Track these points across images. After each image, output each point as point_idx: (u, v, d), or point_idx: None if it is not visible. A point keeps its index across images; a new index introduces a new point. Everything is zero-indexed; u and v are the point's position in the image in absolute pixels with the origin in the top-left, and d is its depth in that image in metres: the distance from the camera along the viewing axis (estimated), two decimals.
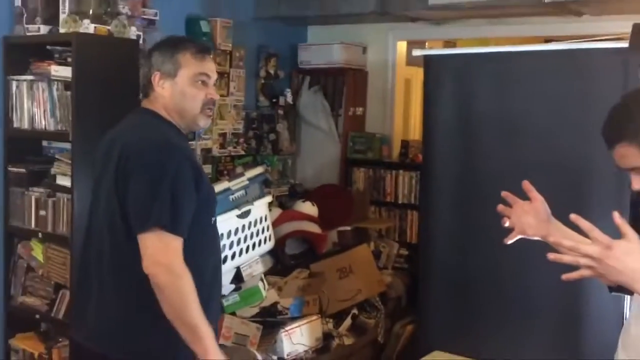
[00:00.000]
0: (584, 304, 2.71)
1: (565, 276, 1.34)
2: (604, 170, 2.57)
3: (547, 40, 4.02)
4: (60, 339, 3.00)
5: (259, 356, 2.72)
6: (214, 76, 1.97)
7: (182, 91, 1.90)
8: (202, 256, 1.88)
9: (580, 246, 1.29)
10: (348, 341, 3.24)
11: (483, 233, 2.94)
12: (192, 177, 1.81)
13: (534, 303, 2.80)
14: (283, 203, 4.09)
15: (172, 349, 1.79)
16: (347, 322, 3.29)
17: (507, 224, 1.71)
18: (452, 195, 3.03)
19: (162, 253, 1.72)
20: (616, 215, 1.28)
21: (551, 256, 1.31)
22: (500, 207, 1.73)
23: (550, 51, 2.90)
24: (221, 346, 2.73)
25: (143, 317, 1.81)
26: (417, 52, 3.15)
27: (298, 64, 4.52)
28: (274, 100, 4.37)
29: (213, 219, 1.97)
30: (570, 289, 2.65)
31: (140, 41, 3.24)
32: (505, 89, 2.91)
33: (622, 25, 2.91)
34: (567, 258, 1.31)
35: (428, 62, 3.12)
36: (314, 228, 3.66)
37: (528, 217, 1.67)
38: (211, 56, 2.03)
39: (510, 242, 1.72)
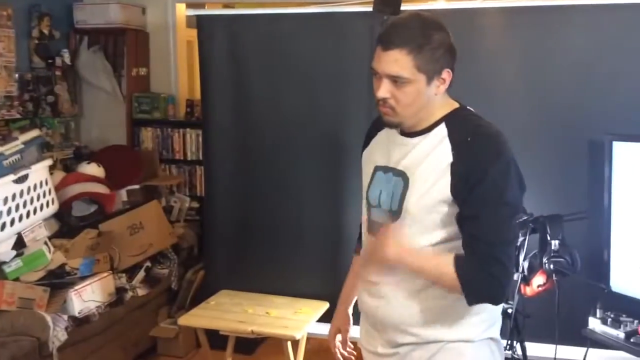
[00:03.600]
0: (347, 240, 2.92)
1: None
2: (354, 113, 2.78)
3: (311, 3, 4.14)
4: None
5: (47, 316, 2.54)
6: None
7: None
8: None
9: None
10: (142, 292, 3.17)
11: (260, 181, 3.02)
12: None
13: (306, 241, 2.94)
14: (68, 166, 3.78)
15: None
16: (141, 274, 3.20)
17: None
18: (232, 148, 3.03)
19: None
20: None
21: None
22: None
23: (308, 14, 2.97)
24: (4, 312, 2.53)
25: None
26: (190, 12, 3.09)
27: (74, 23, 4.12)
28: (50, 61, 3.96)
29: None
30: (335, 225, 2.87)
31: None
32: (272, 48, 2.94)
33: None
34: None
35: (201, 23, 3.04)
36: (101, 189, 3.46)
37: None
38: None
39: None
